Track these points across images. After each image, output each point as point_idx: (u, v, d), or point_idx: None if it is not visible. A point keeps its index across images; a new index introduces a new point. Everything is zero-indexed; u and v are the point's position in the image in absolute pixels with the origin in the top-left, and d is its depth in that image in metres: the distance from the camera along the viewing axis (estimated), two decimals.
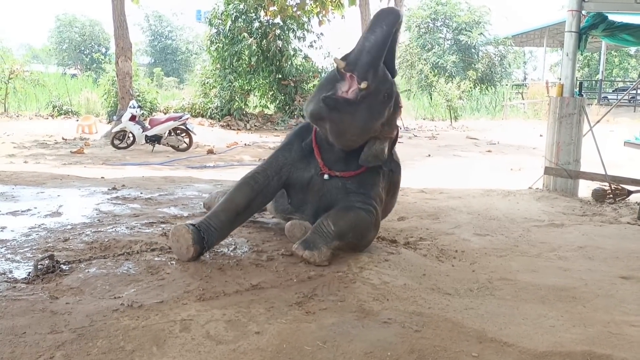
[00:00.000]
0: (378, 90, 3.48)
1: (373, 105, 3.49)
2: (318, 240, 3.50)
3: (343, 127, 3.53)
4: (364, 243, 3.80)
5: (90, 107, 22.08)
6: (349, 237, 3.63)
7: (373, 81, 3.41)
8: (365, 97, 3.45)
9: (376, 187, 3.81)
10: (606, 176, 6.42)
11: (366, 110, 3.48)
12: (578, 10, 6.66)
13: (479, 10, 30.14)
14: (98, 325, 2.56)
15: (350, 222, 3.63)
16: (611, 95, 27.50)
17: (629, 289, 3.32)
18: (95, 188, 6.09)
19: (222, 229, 3.55)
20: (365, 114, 3.49)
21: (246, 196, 3.66)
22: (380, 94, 3.50)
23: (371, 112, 3.51)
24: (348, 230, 3.60)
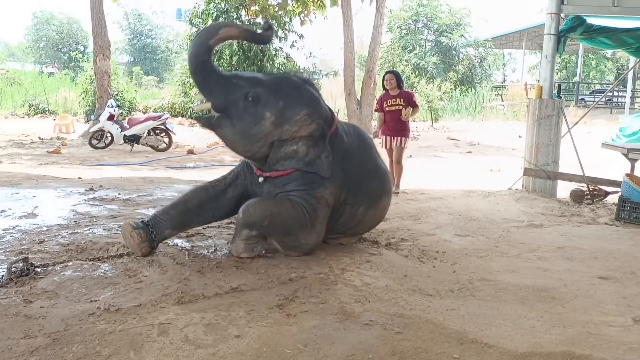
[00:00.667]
0: (233, 101, 3.49)
1: (239, 115, 3.50)
2: (235, 234, 3.60)
3: (228, 142, 3.64)
4: (292, 241, 3.61)
5: (67, 106, 21.76)
6: (263, 227, 3.52)
7: (213, 98, 3.53)
8: (223, 113, 3.53)
9: (319, 189, 3.62)
10: (584, 177, 6.50)
11: (236, 122, 3.51)
12: (557, 13, 6.74)
13: (460, 12, 30.38)
14: (73, 329, 2.51)
15: (263, 210, 3.53)
16: (588, 97, 27.93)
17: (607, 289, 3.35)
18: (72, 189, 5.99)
19: (171, 222, 3.60)
20: (237, 126, 3.51)
21: (199, 198, 3.72)
22: (238, 104, 3.49)
23: (242, 122, 3.50)
24: (260, 218, 3.49)
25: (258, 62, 17.10)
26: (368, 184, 3.91)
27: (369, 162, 4.01)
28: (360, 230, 4.11)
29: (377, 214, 4.08)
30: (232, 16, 16.82)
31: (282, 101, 3.54)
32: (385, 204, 4.15)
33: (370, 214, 3.99)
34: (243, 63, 16.93)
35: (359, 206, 3.88)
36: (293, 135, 3.59)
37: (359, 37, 26.28)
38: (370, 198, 3.93)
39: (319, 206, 3.64)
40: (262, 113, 3.50)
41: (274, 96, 3.53)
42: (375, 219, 4.16)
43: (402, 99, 6.43)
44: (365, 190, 3.89)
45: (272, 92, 3.54)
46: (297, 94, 3.63)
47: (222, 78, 3.55)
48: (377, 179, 4.00)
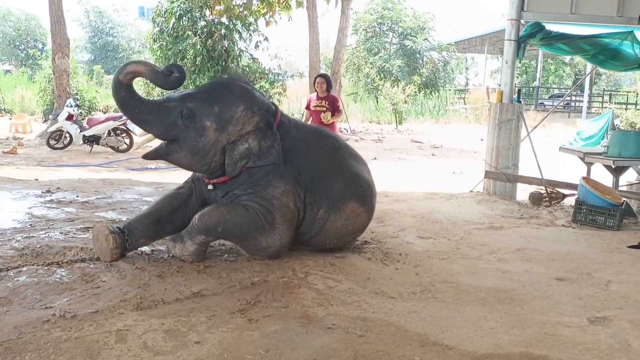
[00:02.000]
0: (172, 124, 3.51)
1: (182, 135, 3.52)
2: (184, 235, 3.53)
3: (182, 164, 3.65)
4: (253, 245, 3.59)
5: (24, 105, 21.09)
6: (219, 233, 3.51)
7: (151, 127, 3.58)
8: (168, 140, 3.58)
9: (270, 189, 3.59)
10: (542, 180, 6.66)
11: (182, 142, 3.53)
12: (517, 20, 6.89)
13: (424, 16, 30.80)
14: (27, 337, 2.43)
15: (218, 216, 3.51)
16: (547, 101, 28.72)
17: (564, 290, 3.44)
18: (28, 190, 5.80)
19: (145, 231, 3.59)
20: (184, 146, 3.54)
21: (170, 206, 3.75)
22: (177, 124, 3.51)
23: (187, 139, 3.52)
24: (215, 224, 3.48)
25: (222, 63, 16.93)
26: (327, 184, 3.77)
27: (329, 161, 3.87)
28: (327, 240, 3.87)
29: (343, 221, 3.82)
30: (196, 16, 16.63)
31: (216, 105, 3.53)
32: (355, 211, 3.85)
33: (334, 219, 3.79)
34: (207, 63, 16.74)
35: (318, 208, 3.75)
36: (240, 134, 3.58)
37: (325, 38, 26.34)
38: (330, 200, 3.76)
39: (272, 207, 3.57)
40: (202, 124, 3.50)
41: (206, 104, 3.53)
42: (343, 228, 3.86)
43: (327, 101, 6.67)
44: (323, 191, 3.75)
45: (204, 100, 3.54)
46: (229, 93, 3.62)
47: (153, 106, 3.55)
48: (340, 181, 3.82)
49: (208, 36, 16.75)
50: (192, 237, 3.51)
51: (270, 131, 3.62)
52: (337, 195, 3.79)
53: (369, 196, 4.02)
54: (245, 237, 3.56)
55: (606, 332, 2.82)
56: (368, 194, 4.01)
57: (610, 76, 37.23)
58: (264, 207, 3.56)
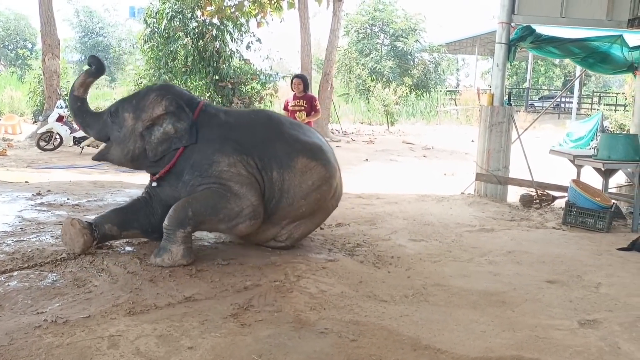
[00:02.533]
0: (103, 123, 3.98)
1: (111, 131, 3.95)
2: (165, 245, 3.60)
3: (117, 160, 4.00)
4: (227, 215, 3.65)
5: (14, 106, 20.91)
6: (191, 217, 3.59)
7: (91, 129, 4.08)
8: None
9: (215, 165, 3.71)
10: (533, 182, 6.71)
11: (113, 138, 3.94)
12: (508, 23, 6.92)
13: (415, 17, 30.83)
14: (18, 343, 2.42)
15: (182, 204, 3.64)
16: (537, 103, 28.82)
17: (554, 293, 3.46)
18: (18, 193, 5.76)
19: (111, 220, 3.81)
20: (114, 141, 3.94)
21: (132, 205, 4.00)
22: (107, 123, 3.96)
23: (113, 133, 3.93)
24: (183, 212, 3.59)
25: (213, 64, 16.88)
26: (270, 148, 3.85)
27: (267, 130, 3.97)
28: (295, 203, 3.86)
29: (298, 177, 3.84)
30: (188, 17, 16.58)
31: (135, 99, 3.94)
32: (306, 165, 3.87)
33: (290, 178, 3.82)
34: (198, 64, 16.68)
35: (270, 171, 3.82)
36: (151, 118, 3.83)
37: (316, 39, 26.28)
38: (278, 160, 3.82)
39: (225, 180, 3.69)
40: (122, 116, 3.89)
41: (128, 100, 4.00)
42: (303, 185, 3.85)
43: (305, 100, 6.78)
44: (269, 154, 3.83)
45: (128, 98, 4.03)
46: (148, 89, 4.09)
47: (94, 113, 4.14)
48: (281, 142, 3.89)
49: (199, 37, 16.70)
50: (172, 240, 3.57)
51: (183, 113, 3.83)
52: (283, 154, 3.86)
53: (318, 151, 4.02)
54: (217, 210, 3.64)
55: (596, 334, 2.85)
56: (317, 149, 4.02)
57: (599, 78, 37.49)
58: (218, 183, 3.69)
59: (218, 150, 3.76)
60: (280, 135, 3.96)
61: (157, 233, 3.82)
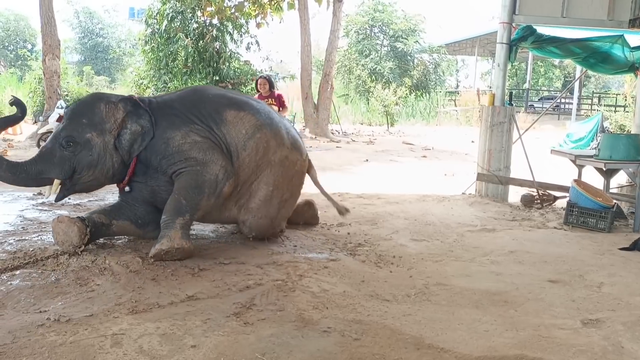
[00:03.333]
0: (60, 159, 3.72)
1: (76, 162, 3.74)
2: (163, 232, 3.66)
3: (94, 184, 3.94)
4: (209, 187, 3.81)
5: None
6: (189, 208, 3.73)
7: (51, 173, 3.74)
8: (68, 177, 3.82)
9: (171, 143, 3.84)
10: (534, 182, 6.70)
11: (79, 168, 3.75)
12: (509, 23, 6.92)
13: (415, 18, 30.83)
14: (21, 342, 2.41)
15: (176, 200, 3.74)
16: (537, 104, 28.83)
17: (557, 293, 3.46)
18: (19, 193, 5.75)
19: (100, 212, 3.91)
20: (84, 169, 3.77)
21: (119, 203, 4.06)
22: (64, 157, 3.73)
23: (82, 162, 3.74)
24: (180, 205, 3.72)
25: (214, 64, 16.88)
26: (202, 109, 4.03)
27: (194, 98, 4.14)
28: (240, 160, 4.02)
29: (232, 128, 4.04)
30: (188, 17, 16.59)
31: (84, 118, 3.77)
32: (236, 116, 4.07)
33: (225, 131, 4.01)
34: (198, 65, 16.68)
35: (211, 129, 3.99)
36: (117, 125, 3.81)
37: (316, 40, 26.27)
38: (212, 117, 4.01)
39: (186, 153, 3.82)
40: (84, 139, 3.72)
41: (74, 123, 3.76)
42: (240, 136, 4.04)
43: (274, 99, 7.36)
44: (204, 114, 4.00)
45: (70, 123, 3.77)
46: (83, 104, 3.92)
47: (34, 160, 3.72)
48: (209, 102, 4.10)
49: (199, 38, 16.71)
50: (170, 227, 3.65)
51: (141, 109, 3.89)
52: (213, 112, 4.05)
53: (244, 104, 4.21)
54: (201, 188, 3.79)
55: (599, 334, 2.85)
56: (242, 102, 4.23)
57: (599, 78, 37.53)
58: (183, 159, 3.81)
59: (166, 127, 3.87)
60: (207, 98, 4.15)
61: (148, 225, 3.97)
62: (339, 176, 8.68)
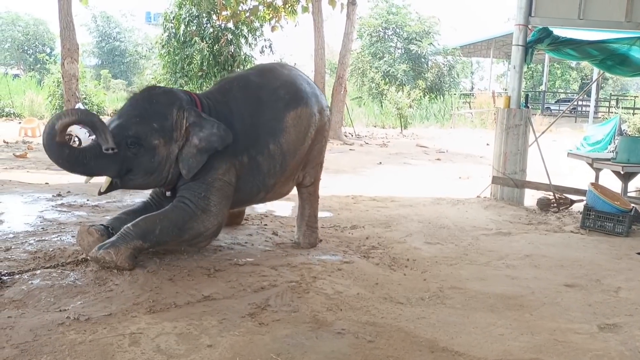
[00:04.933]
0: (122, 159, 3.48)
1: (136, 163, 3.53)
2: (118, 241, 3.40)
3: (143, 185, 3.75)
4: (190, 234, 3.60)
5: (34, 109, 21.20)
6: (157, 235, 3.47)
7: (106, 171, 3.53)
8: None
9: (212, 172, 3.67)
10: (550, 186, 6.66)
11: (136, 169, 3.55)
12: (525, 25, 6.90)
13: (429, 20, 30.79)
14: (42, 340, 2.46)
15: (154, 219, 3.51)
16: (553, 106, 28.62)
17: (573, 297, 3.44)
18: (39, 194, 5.85)
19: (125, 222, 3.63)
20: (139, 171, 3.56)
21: (144, 206, 3.95)
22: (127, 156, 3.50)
23: (141, 165, 3.54)
24: (151, 231, 3.45)
25: (228, 68, 17.01)
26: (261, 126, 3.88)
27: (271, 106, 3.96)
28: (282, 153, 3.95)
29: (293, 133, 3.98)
30: (204, 21, 16.74)
31: (154, 122, 3.53)
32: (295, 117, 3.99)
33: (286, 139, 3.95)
34: (213, 68, 16.83)
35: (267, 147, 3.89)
36: (184, 136, 3.60)
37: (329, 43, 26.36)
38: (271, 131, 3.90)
39: (212, 190, 3.65)
40: (151, 144, 3.51)
41: (144, 124, 3.51)
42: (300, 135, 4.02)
43: None
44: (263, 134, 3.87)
45: (140, 121, 3.51)
46: (159, 101, 3.62)
47: (95, 151, 3.42)
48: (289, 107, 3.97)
49: (215, 41, 16.84)
50: (127, 242, 3.39)
51: (201, 118, 3.63)
52: (271, 119, 3.91)
53: (298, 91, 4.09)
54: (183, 231, 3.57)
55: (616, 339, 2.83)
56: (296, 90, 4.09)
57: (617, 81, 37.15)
58: (199, 195, 3.62)
59: (218, 154, 3.67)
60: (265, 100, 3.94)
61: None
62: (353, 179, 8.70)
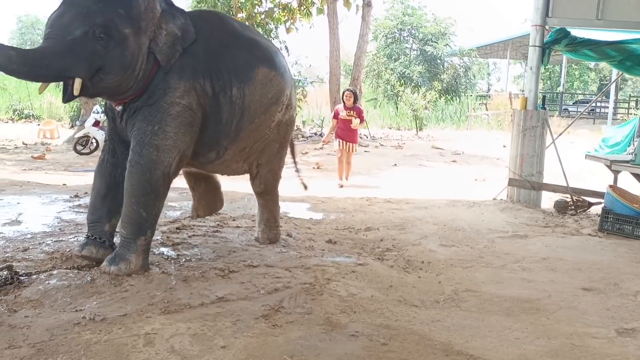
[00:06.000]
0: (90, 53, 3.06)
1: (105, 58, 3.11)
2: (123, 252, 3.32)
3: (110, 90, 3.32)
4: (161, 181, 3.35)
5: (52, 112, 21.50)
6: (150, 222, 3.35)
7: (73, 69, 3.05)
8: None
9: (169, 93, 3.33)
10: (568, 188, 6.58)
11: (108, 65, 3.13)
12: (542, 26, 6.82)
13: (445, 21, 30.59)
14: (58, 339, 2.49)
15: (135, 211, 3.31)
16: (571, 108, 28.30)
17: (591, 301, 3.39)
18: (57, 195, 5.92)
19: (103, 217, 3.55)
20: (112, 67, 3.15)
21: (103, 180, 3.59)
22: (96, 50, 3.09)
23: (113, 60, 3.13)
24: (141, 219, 3.31)
25: None
26: (230, 57, 3.55)
27: (224, 35, 3.66)
28: (256, 119, 3.70)
29: (259, 90, 3.66)
30: None
31: (120, 7, 3.12)
32: (266, 76, 3.70)
33: (249, 92, 3.60)
34: None
35: (230, 89, 3.54)
36: (154, 24, 3.28)
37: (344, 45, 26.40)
38: (239, 72, 3.56)
39: (168, 118, 3.30)
40: (121, 35, 3.09)
41: (111, 10, 3.08)
42: (263, 98, 3.70)
43: (355, 111, 8.04)
44: (229, 67, 3.53)
45: (108, 8, 3.08)
46: None
47: (57, 47, 2.96)
48: (241, 50, 3.65)
49: None
50: (131, 249, 3.31)
51: (173, 7, 3.40)
52: (244, 64, 3.60)
53: (275, 59, 3.86)
54: (156, 190, 3.34)
55: (635, 344, 2.78)
56: (273, 56, 3.86)
57: (636, 82, 36.58)
58: (153, 130, 3.28)
59: (178, 71, 3.35)
60: (241, 42, 3.68)
61: None
62: (367, 180, 8.68)
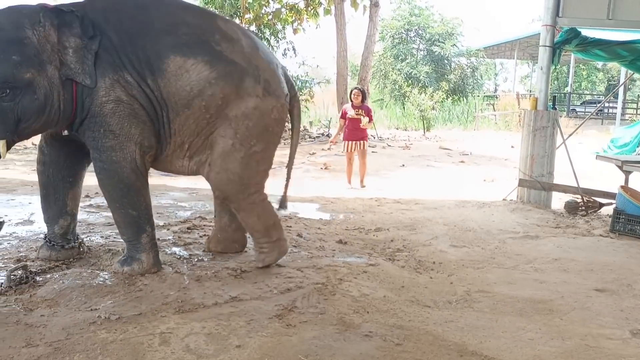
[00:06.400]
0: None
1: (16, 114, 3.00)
2: (132, 253, 3.33)
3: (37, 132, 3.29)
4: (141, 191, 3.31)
5: None
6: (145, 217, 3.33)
7: None
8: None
9: (96, 98, 3.12)
10: (579, 189, 6.55)
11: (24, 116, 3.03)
12: (552, 25, 6.79)
13: (452, 21, 30.51)
14: (75, 338, 2.51)
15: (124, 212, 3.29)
16: (579, 108, 28.17)
17: (604, 302, 3.38)
18: None
19: (53, 218, 3.61)
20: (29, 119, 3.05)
21: (45, 181, 3.62)
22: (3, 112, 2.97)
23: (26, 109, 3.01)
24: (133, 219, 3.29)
25: None
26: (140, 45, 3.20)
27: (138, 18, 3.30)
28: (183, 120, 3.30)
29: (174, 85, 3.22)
30: None
31: (13, 54, 2.91)
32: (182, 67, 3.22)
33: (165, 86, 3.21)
34: None
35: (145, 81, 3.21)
36: (54, 49, 3.04)
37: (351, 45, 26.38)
38: (149, 63, 3.19)
39: (105, 119, 3.13)
40: (23, 80, 2.92)
41: (3, 61, 2.90)
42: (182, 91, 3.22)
43: (363, 110, 7.92)
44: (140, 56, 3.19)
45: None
46: (3, 31, 2.95)
47: None
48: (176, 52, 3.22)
49: None
50: (139, 248, 3.33)
51: (65, 15, 3.08)
52: (152, 54, 3.20)
53: (195, 46, 3.27)
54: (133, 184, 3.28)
55: None
56: (194, 43, 3.28)
57: None
58: (99, 134, 3.15)
59: (97, 67, 3.10)
60: (149, 29, 3.25)
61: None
62: (375, 181, 8.66)
